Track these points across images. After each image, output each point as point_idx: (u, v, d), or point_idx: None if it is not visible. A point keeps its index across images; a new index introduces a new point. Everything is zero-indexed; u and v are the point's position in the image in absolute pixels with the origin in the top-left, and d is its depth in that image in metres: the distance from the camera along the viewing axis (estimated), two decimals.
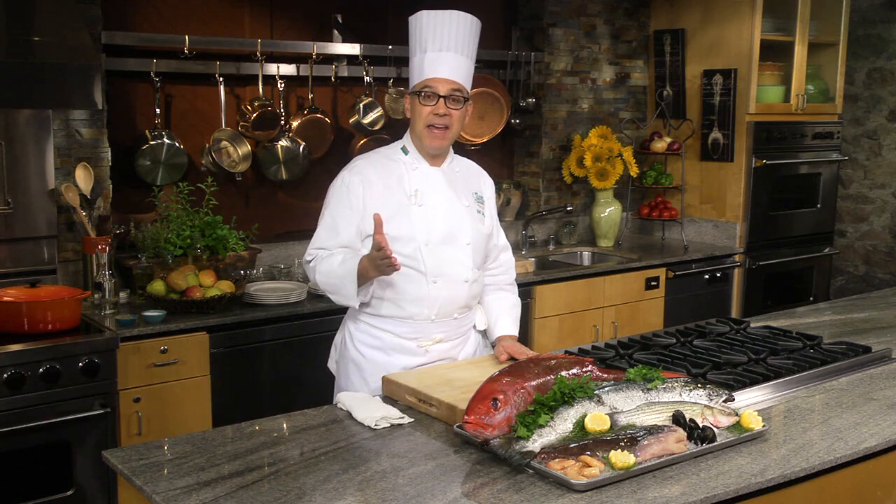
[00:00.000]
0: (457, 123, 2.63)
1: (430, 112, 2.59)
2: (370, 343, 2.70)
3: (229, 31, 4.18)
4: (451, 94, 2.59)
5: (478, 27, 2.69)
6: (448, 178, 2.72)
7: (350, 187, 2.64)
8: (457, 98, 2.60)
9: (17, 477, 3.02)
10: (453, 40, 2.60)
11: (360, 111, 4.37)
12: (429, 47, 2.60)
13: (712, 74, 5.16)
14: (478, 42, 2.70)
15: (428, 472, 1.94)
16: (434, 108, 2.59)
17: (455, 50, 2.61)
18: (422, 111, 2.61)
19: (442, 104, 2.59)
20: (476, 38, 2.69)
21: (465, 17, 2.64)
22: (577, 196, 5.36)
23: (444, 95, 2.58)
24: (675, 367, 2.53)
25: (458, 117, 2.63)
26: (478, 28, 2.69)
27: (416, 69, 2.64)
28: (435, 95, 2.59)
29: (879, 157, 5.89)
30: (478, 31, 2.69)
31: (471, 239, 2.69)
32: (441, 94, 2.58)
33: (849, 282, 6.13)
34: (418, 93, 2.61)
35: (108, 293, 3.51)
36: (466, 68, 2.65)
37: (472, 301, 2.77)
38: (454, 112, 2.61)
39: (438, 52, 2.59)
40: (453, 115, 2.61)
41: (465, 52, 2.64)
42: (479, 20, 2.71)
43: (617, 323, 4.64)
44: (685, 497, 1.81)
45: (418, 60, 2.63)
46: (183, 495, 1.81)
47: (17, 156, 3.49)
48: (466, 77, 2.65)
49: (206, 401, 3.44)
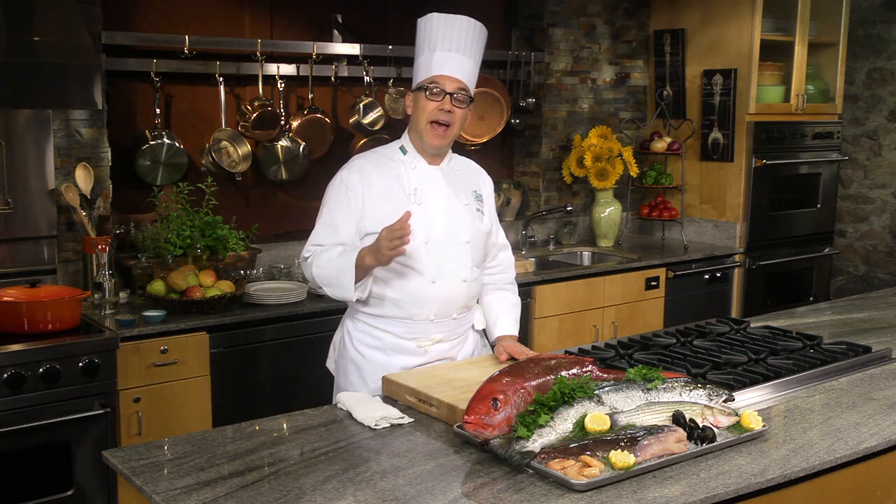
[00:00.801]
0: (458, 123, 2.65)
1: (436, 108, 2.60)
2: (369, 343, 2.70)
3: (229, 31, 4.18)
4: (456, 93, 2.61)
5: (485, 35, 2.72)
6: (447, 177, 2.72)
7: (349, 185, 2.64)
8: (461, 98, 2.62)
9: (17, 477, 3.02)
10: (462, 43, 2.63)
11: (360, 111, 4.38)
12: (438, 47, 2.62)
13: (712, 74, 5.16)
14: (483, 48, 2.73)
15: (428, 472, 1.94)
16: (440, 104, 2.60)
17: (463, 52, 2.63)
18: (426, 106, 2.61)
19: (448, 101, 2.60)
20: (482, 45, 2.72)
21: (475, 23, 2.68)
22: (577, 196, 5.36)
23: (451, 93, 2.60)
24: (675, 367, 2.53)
25: (460, 117, 2.64)
26: (484, 36, 2.72)
27: (423, 66, 2.65)
28: (442, 91, 2.60)
29: (879, 157, 5.89)
30: (484, 38, 2.72)
31: (470, 237, 2.70)
32: (448, 91, 2.60)
33: (849, 282, 6.13)
34: (425, 88, 2.62)
35: (108, 293, 3.51)
36: (472, 72, 2.68)
37: (470, 301, 2.77)
38: (458, 111, 2.62)
39: (447, 52, 2.62)
40: (456, 114, 2.62)
41: (473, 57, 2.67)
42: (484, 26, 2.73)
43: (617, 323, 4.64)
44: (685, 497, 1.81)
45: (426, 59, 2.65)
46: (183, 495, 1.81)
47: (17, 156, 3.49)
48: (471, 80, 2.68)
49: (206, 401, 3.44)
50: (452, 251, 2.66)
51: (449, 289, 2.66)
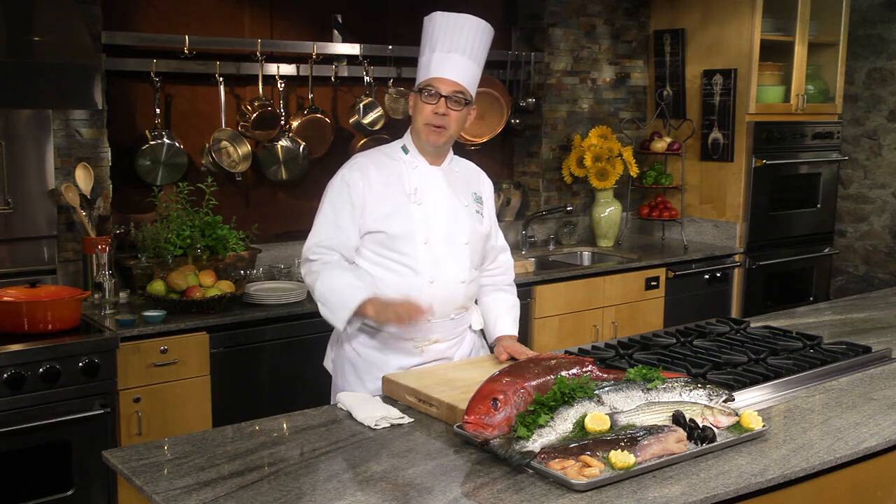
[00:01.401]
0: (455, 124, 2.63)
1: (431, 111, 2.60)
2: (366, 342, 2.70)
3: (229, 31, 4.18)
4: (452, 95, 2.59)
5: (490, 34, 2.70)
6: (447, 178, 2.72)
7: (350, 183, 2.63)
8: (458, 100, 2.60)
9: (17, 477, 3.02)
10: (463, 43, 2.61)
11: (360, 111, 4.38)
12: (437, 47, 2.61)
13: (712, 74, 5.16)
14: (488, 49, 2.71)
15: (428, 472, 1.94)
16: (434, 106, 2.59)
17: (463, 53, 2.61)
18: (423, 109, 2.61)
19: (442, 104, 2.59)
20: (487, 45, 2.70)
21: (479, 22, 2.66)
22: (577, 196, 5.36)
23: (446, 95, 2.59)
24: (675, 367, 2.53)
25: (456, 118, 2.62)
26: (490, 35, 2.70)
27: (423, 68, 2.65)
28: (437, 94, 2.59)
29: (879, 157, 5.89)
30: (490, 38, 2.70)
31: (469, 238, 2.69)
32: (442, 94, 2.59)
33: (849, 282, 6.13)
34: (421, 90, 2.61)
35: (108, 293, 3.51)
36: (472, 72, 2.65)
37: (468, 301, 2.77)
38: (453, 113, 2.60)
39: (446, 53, 2.60)
40: (452, 116, 2.60)
41: (474, 57, 2.64)
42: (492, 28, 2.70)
43: (617, 323, 4.64)
44: (685, 497, 1.81)
45: (426, 60, 2.64)
46: (183, 495, 1.81)
47: (17, 156, 3.49)
48: (472, 81, 2.65)
49: (206, 401, 3.44)
50: (451, 252, 2.66)
51: (447, 289, 2.66)
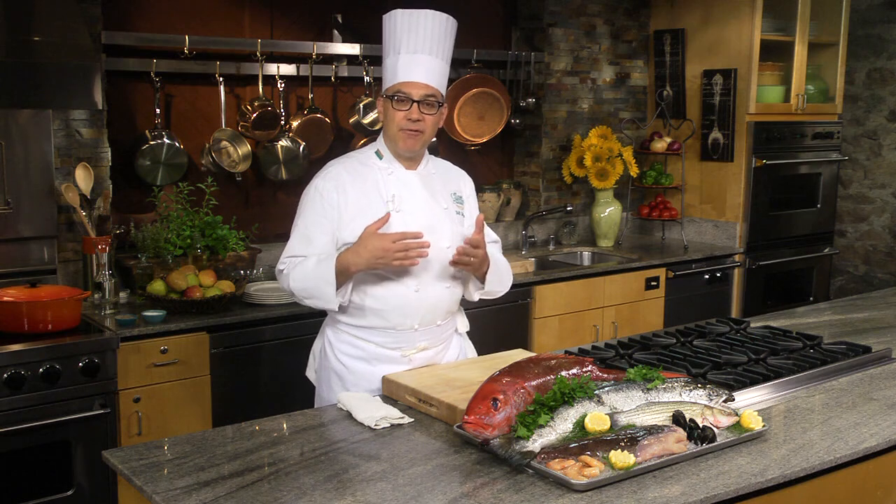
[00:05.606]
0: (430, 128, 2.57)
1: (404, 117, 2.53)
2: (351, 353, 2.64)
3: (229, 31, 4.18)
4: (424, 100, 2.53)
5: (453, 27, 2.62)
6: (424, 182, 2.65)
7: (323, 194, 2.57)
8: (430, 103, 2.54)
9: (18, 477, 3.02)
10: (427, 42, 2.54)
11: (360, 111, 4.37)
12: (402, 48, 2.53)
13: (712, 74, 5.16)
14: (453, 43, 2.63)
15: (428, 472, 1.94)
16: (407, 112, 2.52)
17: (429, 52, 2.54)
18: (395, 115, 2.54)
19: (415, 109, 2.52)
20: (451, 39, 2.62)
21: (439, 16, 2.57)
22: (577, 196, 5.36)
23: (418, 100, 2.52)
24: (675, 367, 2.54)
25: (431, 122, 2.56)
26: (453, 28, 2.62)
27: (390, 71, 2.57)
28: (408, 100, 2.52)
29: (879, 157, 5.89)
30: (453, 31, 2.63)
31: (450, 242, 2.61)
32: (414, 99, 2.52)
33: (849, 282, 6.13)
34: (391, 97, 2.54)
35: (108, 293, 3.51)
36: (441, 71, 2.58)
37: (454, 306, 2.72)
38: (428, 117, 2.54)
39: (412, 55, 2.53)
40: (427, 121, 2.54)
41: (440, 55, 2.57)
42: (455, 20, 2.63)
43: (617, 323, 4.64)
44: (685, 497, 1.81)
45: (391, 62, 2.56)
46: (183, 495, 1.81)
47: (17, 156, 3.48)
48: (440, 81, 2.58)
49: (206, 401, 3.44)
50: (433, 257, 2.56)
51: (432, 296, 2.60)
